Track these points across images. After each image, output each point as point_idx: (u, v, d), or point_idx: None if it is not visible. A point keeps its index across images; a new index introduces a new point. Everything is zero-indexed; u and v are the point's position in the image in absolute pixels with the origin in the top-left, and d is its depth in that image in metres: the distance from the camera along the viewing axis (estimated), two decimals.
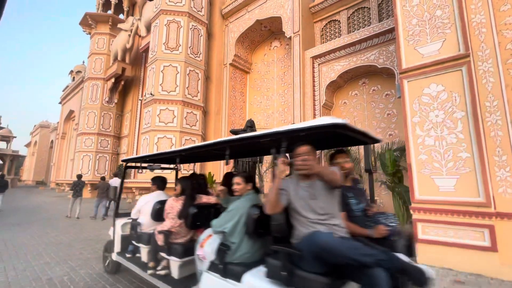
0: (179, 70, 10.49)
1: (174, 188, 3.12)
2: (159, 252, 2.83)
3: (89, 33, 19.27)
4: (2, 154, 29.12)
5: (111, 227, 3.81)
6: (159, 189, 3.67)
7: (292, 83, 9.38)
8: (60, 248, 4.98)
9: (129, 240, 3.48)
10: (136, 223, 3.37)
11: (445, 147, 4.11)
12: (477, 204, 3.77)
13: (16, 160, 31.87)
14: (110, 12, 18.98)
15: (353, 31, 9.23)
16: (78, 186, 8.96)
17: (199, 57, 11.16)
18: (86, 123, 17.12)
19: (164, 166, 3.99)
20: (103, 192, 8.51)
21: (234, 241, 2.08)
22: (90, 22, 18.30)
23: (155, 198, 3.44)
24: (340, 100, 9.56)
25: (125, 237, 3.60)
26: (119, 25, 16.32)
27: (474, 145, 3.88)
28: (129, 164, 3.96)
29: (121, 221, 3.71)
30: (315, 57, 9.12)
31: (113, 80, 16.81)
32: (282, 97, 11.21)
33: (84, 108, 17.53)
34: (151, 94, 10.37)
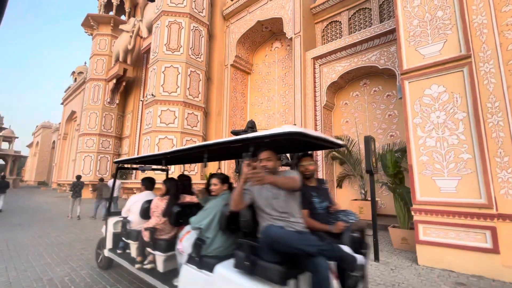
0: (180, 71, 10.51)
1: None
2: (145, 248, 3.01)
3: (91, 34, 19.36)
4: (4, 154, 29.25)
5: (104, 225, 3.98)
6: (148, 189, 3.84)
7: (293, 84, 9.38)
8: (61, 249, 4.99)
9: (120, 237, 3.66)
10: (126, 221, 3.56)
11: (446, 148, 4.10)
12: (478, 206, 3.75)
13: (18, 160, 32.00)
14: (112, 13, 19.06)
15: (354, 32, 9.23)
16: (77, 187, 9.05)
17: (200, 58, 11.18)
18: (87, 123, 17.19)
19: (155, 167, 4.14)
20: (101, 193, 8.57)
21: (209, 236, 2.24)
22: (92, 23, 18.39)
23: (143, 197, 3.62)
24: (341, 101, 9.55)
25: (116, 234, 3.78)
26: (121, 26, 16.37)
27: (476, 146, 3.86)
28: (121, 165, 4.13)
29: (113, 220, 3.88)
30: (316, 58, 9.12)
31: (114, 81, 16.88)
32: (283, 98, 11.21)
33: (85, 109, 17.60)
34: (152, 95, 10.39)
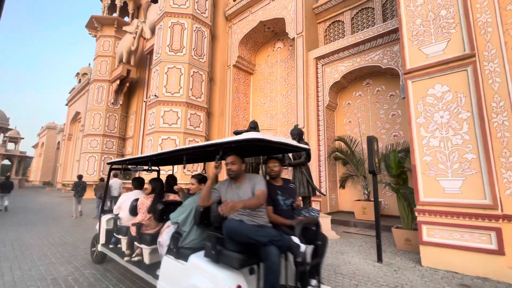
0: (183, 72, 10.55)
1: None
2: (133, 242, 3.28)
3: (95, 36, 19.53)
4: (10, 155, 29.62)
5: (98, 222, 4.24)
6: (137, 189, 4.13)
7: (295, 84, 9.36)
8: (65, 248, 5.03)
9: (112, 233, 3.90)
10: (117, 218, 3.85)
11: (450, 148, 4.06)
12: (483, 207, 3.70)
13: (24, 161, 32.37)
14: (115, 15, 19.21)
15: (357, 32, 9.19)
16: (79, 187, 9.23)
17: (202, 58, 11.21)
18: (91, 124, 17.34)
19: (147, 167, 4.42)
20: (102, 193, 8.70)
21: (185, 230, 2.49)
22: (96, 25, 18.55)
23: (132, 196, 3.90)
24: (344, 101, 9.51)
25: (109, 230, 4.04)
26: (124, 28, 16.48)
27: (480, 147, 3.81)
28: (114, 166, 4.45)
29: (106, 217, 4.14)
30: (318, 58, 9.09)
31: (118, 82, 17.00)
32: (286, 98, 11.19)
33: (89, 110, 17.76)
34: (155, 95, 10.44)
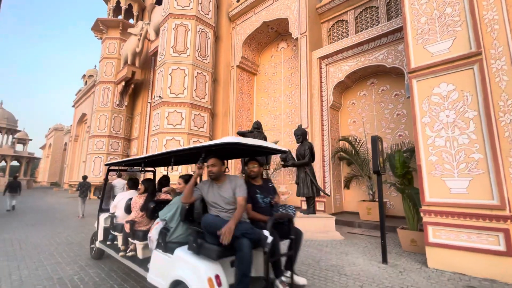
0: (187, 73, 10.61)
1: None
2: (127, 238, 3.51)
3: (101, 38, 19.77)
4: (19, 156, 30.15)
5: (96, 220, 4.46)
6: (132, 189, 4.35)
7: (299, 84, 9.33)
8: (71, 248, 5.09)
9: (109, 230, 4.13)
10: (113, 216, 4.06)
11: (456, 148, 3.99)
12: (491, 207, 3.63)
13: (32, 162, 32.86)
14: (120, 17, 19.41)
15: (361, 31, 9.13)
16: (84, 187, 9.35)
17: (206, 59, 11.26)
18: (97, 125, 17.54)
19: (146, 168, 4.79)
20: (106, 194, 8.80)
21: (172, 226, 2.70)
22: (101, 27, 18.78)
23: (128, 195, 4.12)
24: (348, 101, 9.45)
25: (106, 228, 4.25)
26: (129, 30, 16.65)
27: (487, 146, 3.74)
28: (111, 167, 4.72)
29: (104, 215, 4.34)
30: (322, 58, 9.05)
31: (123, 83, 17.17)
32: (289, 99, 11.17)
33: (95, 111, 17.97)
34: (159, 96, 10.52)
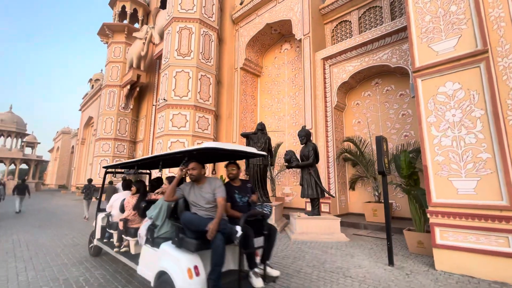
0: (191, 75, 10.68)
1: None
2: (121, 235, 3.77)
3: (107, 43, 20.06)
4: (27, 159, 30.66)
5: (95, 219, 4.75)
6: (126, 190, 4.64)
7: (303, 85, 9.31)
8: (76, 250, 5.14)
9: (106, 228, 4.40)
10: (109, 215, 4.33)
11: (463, 147, 3.92)
12: (500, 208, 3.55)
13: (40, 165, 33.36)
14: (126, 21, 19.68)
15: (365, 31, 9.07)
16: (88, 190, 9.49)
17: (210, 62, 11.32)
18: (103, 128, 17.76)
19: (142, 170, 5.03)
20: (109, 196, 8.87)
21: (158, 223, 3.01)
22: (107, 32, 19.06)
23: (122, 196, 4.40)
24: (353, 101, 9.38)
25: (103, 227, 4.52)
26: (134, 34, 16.86)
27: (495, 145, 3.66)
28: (109, 170, 4.96)
29: (101, 215, 4.60)
30: (326, 59, 9.01)
31: (128, 86, 17.37)
32: (293, 100, 11.14)
33: (101, 114, 18.20)
34: (164, 99, 10.61)
